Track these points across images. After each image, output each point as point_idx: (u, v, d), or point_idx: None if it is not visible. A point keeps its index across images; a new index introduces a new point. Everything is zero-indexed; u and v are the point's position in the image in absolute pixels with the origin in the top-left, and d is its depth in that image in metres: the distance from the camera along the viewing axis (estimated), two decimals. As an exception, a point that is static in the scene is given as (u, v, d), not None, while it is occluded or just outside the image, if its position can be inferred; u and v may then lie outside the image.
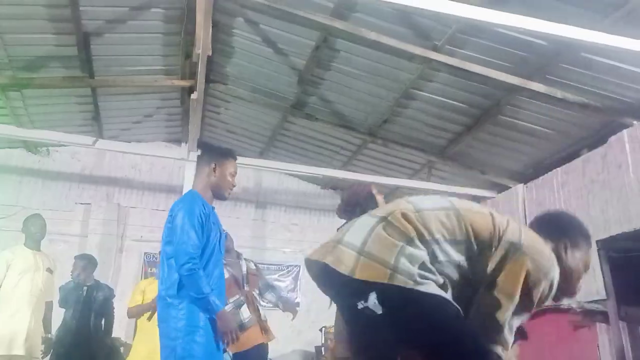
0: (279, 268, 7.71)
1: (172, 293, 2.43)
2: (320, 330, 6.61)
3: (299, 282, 7.73)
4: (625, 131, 4.77)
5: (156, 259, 6.97)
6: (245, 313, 3.85)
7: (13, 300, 3.94)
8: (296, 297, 7.67)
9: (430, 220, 1.71)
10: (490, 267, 1.70)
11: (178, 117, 7.16)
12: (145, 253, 7.09)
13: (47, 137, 5.87)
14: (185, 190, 6.18)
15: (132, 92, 6.30)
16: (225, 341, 2.34)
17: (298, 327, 7.46)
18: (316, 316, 7.52)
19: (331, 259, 1.71)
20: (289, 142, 7.26)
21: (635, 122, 4.70)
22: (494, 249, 1.69)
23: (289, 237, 7.92)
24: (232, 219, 7.19)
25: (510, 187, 6.47)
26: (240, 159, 6.90)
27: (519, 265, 1.68)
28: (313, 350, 7.06)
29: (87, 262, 5.03)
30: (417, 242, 1.66)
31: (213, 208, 2.67)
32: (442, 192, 6.95)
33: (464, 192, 6.89)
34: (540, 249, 1.74)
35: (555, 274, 1.74)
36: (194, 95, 4.85)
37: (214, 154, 2.73)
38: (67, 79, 5.62)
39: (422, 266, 1.64)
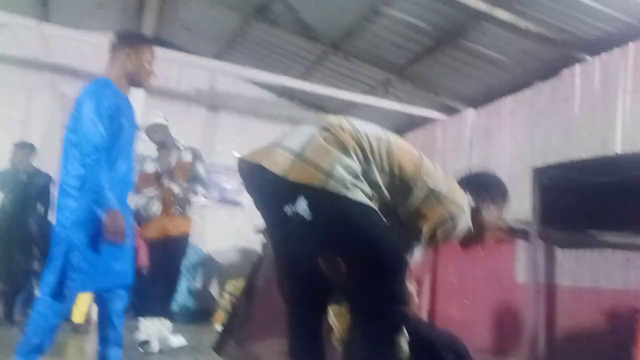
0: (226, 170, 7.76)
1: (74, 184, 2.44)
2: (259, 231, 6.83)
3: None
4: (577, 65, 4.97)
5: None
6: (154, 207, 3.95)
7: None
8: (241, 199, 7.83)
9: (365, 142, 1.80)
10: (409, 203, 1.85)
11: (134, 10, 6.75)
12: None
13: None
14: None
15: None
16: (110, 239, 2.38)
17: (239, 227, 7.70)
18: (258, 218, 7.71)
19: (267, 161, 1.77)
20: (248, 47, 7.06)
21: (588, 57, 4.89)
22: (415, 189, 1.84)
23: (239, 141, 7.87)
24: (182, 119, 7.05)
25: (461, 111, 6.67)
26: (195, 59, 6.77)
27: (434, 211, 1.85)
28: (252, 248, 7.33)
29: (27, 149, 4.94)
30: (353, 156, 1.76)
31: (127, 98, 2.60)
32: (397, 111, 7.10)
33: (416, 113, 7.07)
34: (458, 201, 1.93)
35: (463, 224, 1.94)
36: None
37: (129, 39, 2.62)
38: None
39: (356, 177, 1.73)
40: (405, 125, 7.84)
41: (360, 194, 1.73)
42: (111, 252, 2.48)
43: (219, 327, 5.58)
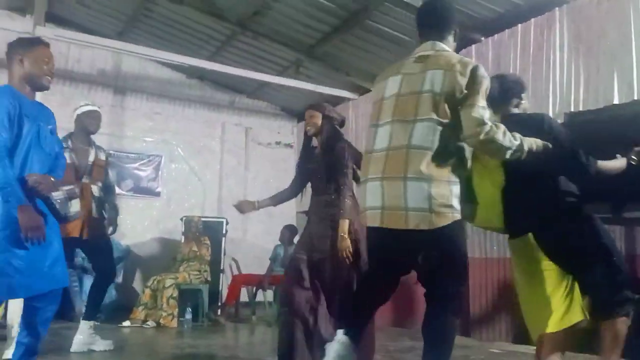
0: (139, 157, 7.50)
1: None
2: (181, 219, 6.69)
3: (160, 172, 7.62)
4: (473, 46, 5.19)
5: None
6: (74, 206, 3.79)
7: None
8: (157, 187, 7.61)
9: None
10: None
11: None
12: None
13: None
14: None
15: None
16: (29, 236, 2.31)
17: (157, 217, 7.52)
18: (176, 206, 7.58)
19: (394, 223, 2.15)
20: (153, 25, 6.80)
21: (483, 38, 5.13)
22: None
23: (150, 126, 7.64)
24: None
25: (371, 90, 6.81)
26: (97, 39, 6.47)
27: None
28: (173, 238, 7.17)
29: None
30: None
31: (32, 101, 2.63)
32: (309, 91, 7.14)
33: (328, 92, 7.14)
34: None
35: None
36: (39, -40, 4.28)
37: (18, 46, 2.63)
38: None
39: (451, 198, 2.14)
40: (318, 105, 7.91)
41: (453, 214, 2.12)
42: (39, 253, 2.39)
43: (137, 324, 5.44)
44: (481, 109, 2.11)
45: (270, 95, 8.15)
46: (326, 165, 3.26)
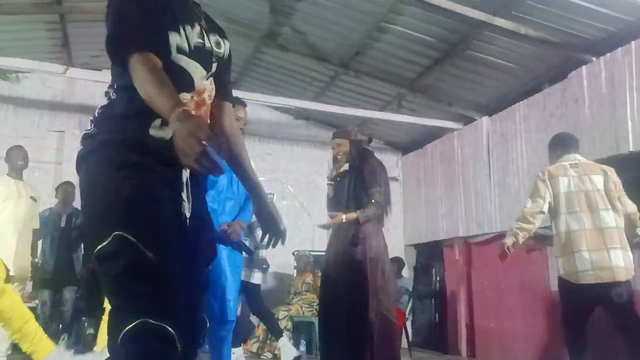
0: (253, 200, 7.95)
1: None
2: (293, 254, 6.97)
3: (272, 210, 8.01)
4: (584, 67, 4.99)
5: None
6: None
7: None
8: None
9: None
10: None
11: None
12: (121, 181, 7.20)
13: (16, 65, 5.80)
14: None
15: (101, 19, 6.15)
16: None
17: (270, 251, 7.83)
18: (288, 241, 7.80)
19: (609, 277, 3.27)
20: (262, 73, 7.30)
21: (594, 58, 4.91)
22: None
23: (263, 166, 8.09)
24: (207, 148, 7.32)
25: (476, 120, 6.73)
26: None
27: None
28: (286, 272, 7.45)
29: (71, 188, 5.18)
30: None
31: None
32: (412, 124, 7.20)
33: (431, 124, 7.15)
34: None
35: None
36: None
37: None
38: (35, 5, 5.51)
39: None
40: (422, 137, 7.93)
41: None
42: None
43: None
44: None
45: (373, 130, 8.27)
46: (355, 185, 3.36)
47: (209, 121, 1.67)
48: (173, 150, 1.22)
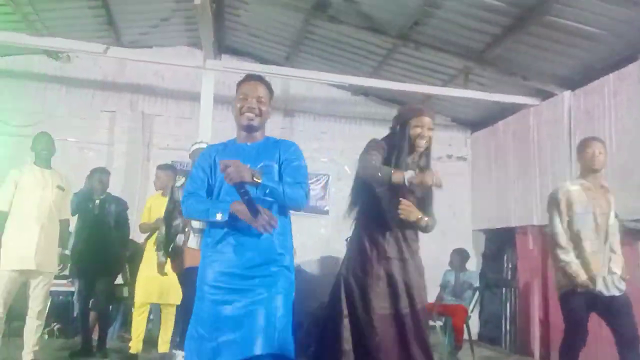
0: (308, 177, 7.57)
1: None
2: (346, 240, 6.50)
3: (328, 191, 7.60)
4: None
5: (184, 167, 6.94)
6: (180, 240, 3.75)
7: (22, 217, 3.93)
8: (325, 206, 7.58)
9: None
10: None
11: (197, 20, 6.73)
12: (172, 161, 7.00)
13: (59, 46, 5.67)
14: (203, 101, 5.97)
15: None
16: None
17: (326, 236, 7.48)
18: (345, 225, 7.43)
19: None
20: (316, 47, 6.77)
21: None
22: None
23: (318, 145, 7.67)
24: (259, 128, 6.95)
25: (556, 94, 5.89)
26: (265, 67, 6.62)
27: None
28: (341, 257, 7.04)
29: (104, 175, 4.99)
30: None
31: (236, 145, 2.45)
32: (481, 100, 6.46)
33: (504, 100, 6.38)
34: None
35: None
36: (197, 0, 4.44)
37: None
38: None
39: None
40: (494, 114, 7.16)
41: None
42: None
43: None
44: None
45: (438, 106, 7.58)
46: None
47: None
48: None
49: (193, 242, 3.67)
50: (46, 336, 5.39)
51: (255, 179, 2.16)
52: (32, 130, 6.54)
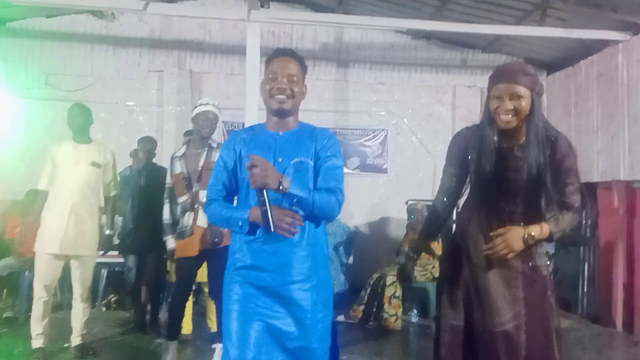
0: (364, 133, 7.09)
1: None
2: (406, 203, 6.04)
3: (386, 147, 7.11)
4: None
5: (236, 127, 6.64)
6: (188, 220, 3.38)
7: (54, 197, 3.71)
8: (384, 163, 7.12)
9: None
10: None
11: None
12: (223, 122, 6.73)
13: (98, 4, 5.37)
14: (249, 56, 5.53)
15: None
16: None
17: (385, 195, 7.06)
18: (405, 183, 7.00)
19: None
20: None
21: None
22: None
23: (374, 98, 7.14)
24: (312, 80, 6.47)
25: (650, 27, 5.04)
26: (316, 16, 6.08)
27: None
28: (402, 217, 6.61)
29: (149, 144, 4.76)
30: None
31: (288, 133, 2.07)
32: (561, 37, 5.67)
33: (587, 36, 5.57)
34: None
35: None
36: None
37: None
38: None
39: None
40: (574, 52, 6.33)
41: None
42: None
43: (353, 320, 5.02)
44: None
45: (510, 47, 6.80)
46: (540, 172, 2.10)
47: None
48: None
49: (203, 220, 3.34)
50: (104, 308, 5.38)
51: (281, 187, 1.83)
52: (82, 94, 6.50)
